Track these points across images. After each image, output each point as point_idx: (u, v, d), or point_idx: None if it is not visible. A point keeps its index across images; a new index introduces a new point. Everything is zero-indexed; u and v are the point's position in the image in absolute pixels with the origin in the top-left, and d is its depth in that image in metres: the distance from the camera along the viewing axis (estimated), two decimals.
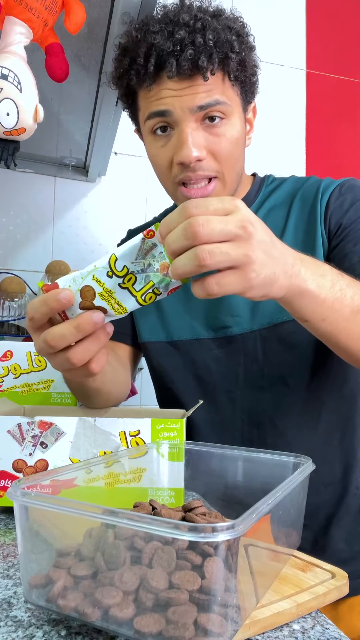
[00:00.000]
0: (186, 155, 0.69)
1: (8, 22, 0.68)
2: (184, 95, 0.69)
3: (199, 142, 0.70)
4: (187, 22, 0.68)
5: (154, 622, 0.34)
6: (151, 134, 0.74)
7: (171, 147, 0.72)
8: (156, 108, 0.71)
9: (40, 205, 1.49)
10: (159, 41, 0.67)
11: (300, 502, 0.54)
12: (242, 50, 0.71)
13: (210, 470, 0.65)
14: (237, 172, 0.77)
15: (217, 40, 0.68)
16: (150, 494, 0.63)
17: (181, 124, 0.70)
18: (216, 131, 0.71)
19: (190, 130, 0.69)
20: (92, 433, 0.65)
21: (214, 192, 0.74)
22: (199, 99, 0.69)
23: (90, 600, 0.36)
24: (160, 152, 0.74)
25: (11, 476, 0.64)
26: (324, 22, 1.80)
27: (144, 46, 0.68)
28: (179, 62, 0.67)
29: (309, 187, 0.83)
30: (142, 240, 0.47)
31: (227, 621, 0.34)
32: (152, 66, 0.68)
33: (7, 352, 0.89)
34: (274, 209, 0.84)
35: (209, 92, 0.69)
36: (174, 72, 0.67)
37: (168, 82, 0.69)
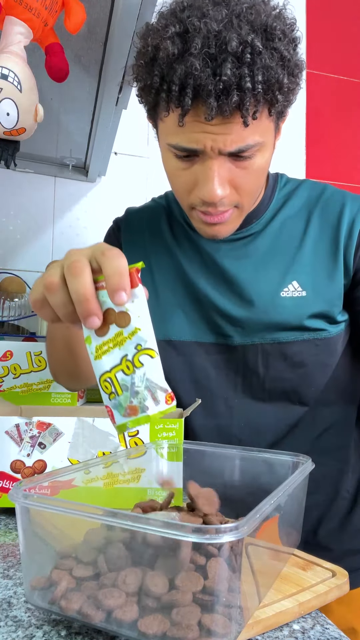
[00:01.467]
0: (210, 196, 0.64)
1: (8, 22, 0.68)
2: (218, 133, 0.61)
3: (224, 178, 0.65)
4: (235, 52, 0.56)
5: (158, 624, 0.34)
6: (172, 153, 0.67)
7: (193, 175, 0.66)
8: (186, 145, 0.63)
9: (40, 205, 1.49)
10: (200, 74, 0.57)
11: (300, 502, 0.54)
12: (292, 85, 0.63)
13: (209, 470, 0.65)
14: (256, 196, 0.73)
15: (267, 80, 0.58)
16: (149, 494, 0.63)
17: (209, 161, 0.64)
18: (244, 164, 0.65)
19: (217, 167, 0.63)
20: (90, 433, 0.65)
21: (231, 219, 0.70)
22: (232, 143, 0.62)
23: (93, 602, 0.36)
24: (180, 174, 0.68)
25: (9, 477, 0.64)
26: (324, 22, 1.80)
27: (181, 71, 0.58)
28: (221, 105, 0.58)
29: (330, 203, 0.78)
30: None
31: (231, 621, 0.34)
32: (189, 100, 0.58)
33: (7, 352, 0.89)
34: (290, 219, 0.79)
35: (246, 132, 0.62)
36: (212, 115, 0.58)
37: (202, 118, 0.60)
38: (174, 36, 0.59)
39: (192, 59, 0.57)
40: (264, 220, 0.79)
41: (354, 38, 1.85)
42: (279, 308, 0.75)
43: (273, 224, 0.79)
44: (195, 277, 0.81)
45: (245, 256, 0.78)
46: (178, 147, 0.65)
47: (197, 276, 0.81)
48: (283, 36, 0.61)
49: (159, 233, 0.86)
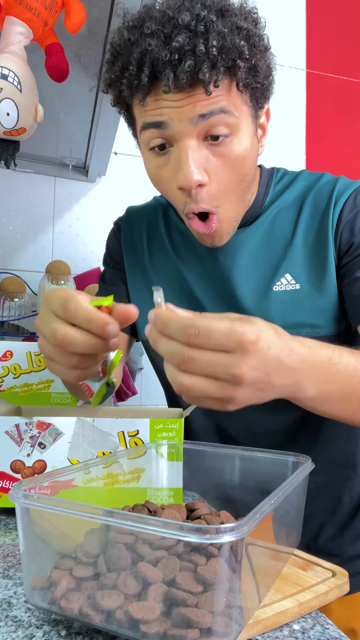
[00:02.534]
0: (186, 180, 0.61)
1: (8, 22, 0.68)
2: (181, 106, 0.60)
3: (200, 163, 0.62)
4: (188, 23, 0.57)
5: (159, 624, 0.34)
6: (148, 150, 0.66)
7: (171, 168, 0.64)
8: (151, 119, 0.62)
9: (40, 205, 1.49)
10: (154, 48, 0.57)
11: (300, 502, 0.54)
12: (253, 54, 0.61)
13: (209, 470, 0.65)
14: (241, 196, 0.69)
15: (222, 46, 0.57)
16: (149, 494, 0.63)
17: (180, 140, 0.62)
18: (220, 150, 0.62)
19: (190, 148, 0.61)
20: (90, 433, 0.65)
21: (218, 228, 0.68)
22: (200, 107, 0.60)
23: (94, 602, 0.36)
24: (160, 173, 0.66)
25: (9, 477, 0.64)
26: (324, 22, 1.80)
27: (137, 52, 0.59)
28: (177, 74, 0.57)
29: (322, 189, 0.75)
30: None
31: (231, 621, 0.34)
32: (145, 77, 0.59)
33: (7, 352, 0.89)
34: (283, 211, 0.77)
35: (213, 100, 0.60)
36: (170, 86, 0.58)
37: (164, 95, 0.60)
38: (131, 27, 0.61)
39: (147, 39, 0.58)
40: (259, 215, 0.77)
41: (354, 38, 1.85)
42: (272, 303, 0.73)
43: (266, 217, 0.77)
44: (190, 275, 0.80)
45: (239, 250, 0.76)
46: (146, 125, 0.63)
47: (192, 274, 0.80)
48: (239, 13, 0.61)
49: (156, 232, 0.86)
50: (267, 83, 0.67)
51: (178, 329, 0.42)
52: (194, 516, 0.50)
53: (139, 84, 0.60)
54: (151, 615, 0.34)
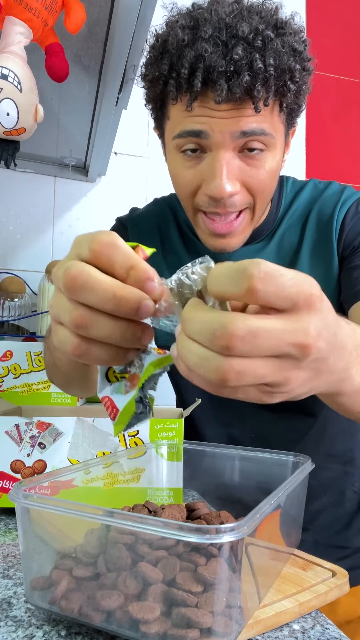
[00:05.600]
0: (218, 191, 0.60)
1: (8, 22, 0.68)
2: (227, 118, 0.59)
3: (233, 174, 0.61)
4: (246, 36, 0.56)
5: (159, 624, 0.34)
6: (178, 151, 0.64)
7: (200, 172, 0.63)
8: (191, 127, 0.60)
9: (40, 205, 1.49)
10: (211, 54, 0.55)
11: (300, 501, 0.54)
12: (302, 77, 0.61)
13: (209, 470, 0.65)
14: (267, 201, 0.69)
15: (277, 65, 0.57)
16: (149, 494, 0.63)
17: (216, 151, 0.60)
18: (254, 162, 0.62)
19: (226, 160, 0.60)
20: (90, 433, 0.65)
21: (241, 227, 0.66)
22: (244, 124, 0.59)
23: (94, 602, 0.36)
24: (186, 173, 0.64)
25: (9, 477, 0.64)
26: (324, 22, 1.80)
27: (191, 55, 0.57)
28: (231, 87, 0.56)
29: (327, 200, 0.76)
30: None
31: (231, 621, 0.34)
32: (198, 83, 0.57)
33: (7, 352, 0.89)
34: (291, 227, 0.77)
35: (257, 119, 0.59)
36: (223, 98, 0.56)
37: (212, 104, 0.58)
38: (185, 27, 0.59)
39: (203, 44, 0.56)
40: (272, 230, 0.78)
41: (354, 38, 1.85)
42: None
43: (278, 231, 0.77)
44: None
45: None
46: (184, 133, 0.61)
47: None
48: (293, 32, 0.61)
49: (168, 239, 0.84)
50: (304, 103, 0.67)
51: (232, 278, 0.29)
52: (194, 516, 0.50)
53: (190, 88, 0.58)
54: (151, 615, 0.34)
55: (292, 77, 0.60)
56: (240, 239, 0.68)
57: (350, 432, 0.84)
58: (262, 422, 0.81)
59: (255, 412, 0.80)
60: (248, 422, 0.81)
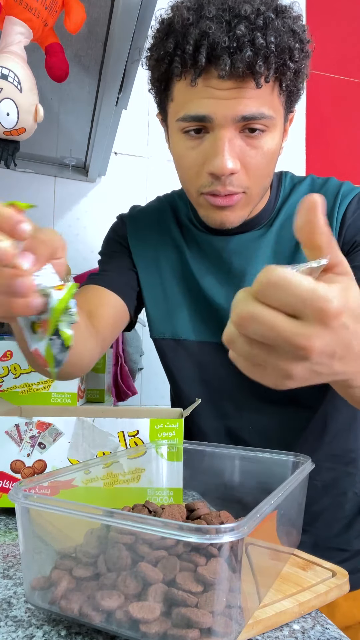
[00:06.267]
0: (220, 167, 0.63)
1: (8, 22, 0.68)
2: (229, 99, 0.61)
3: (234, 152, 0.64)
4: (248, 15, 0.59)
5: (159, 624, 0.34)
6: (181, 132, 0.67)
7: (203, 151, 0.66)
8: (196, 111, 0.63)
9: (40, 205, 1.49)
10: (215, 31, 0.58)
11: (300, 501, 0.54)
12: (300, 59, 0.64)
13: (209, 470, 0.65)
14: (265, 186, 0.72)
15: (278, 43, 0.60)
16: (149, 494, 0.63)
17: (219, 132, 0.63)
18: (254, 143, 0.65)
19: (228, 139, 0.63)
20: (90, 433, 0.65)
21: (238, 205, 0.69)
22: (245, 108, 0.62)
23: (94, 602, 0.36)
24: (189, 154, 0.67)
25: (9, 477, 0.64)
26: (324, 22, 1.80)
27: (196, 33, 0.59)
28: (234, 62, 0.58)
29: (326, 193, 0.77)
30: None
31: (231, 621, 0.34)
32: (203, 58, 0.59)
33: (7, 352, 0.89)
34: (289, 219, 0.78)
35: (257, 101, 0.62)
36: (226, 72, 0.59)
37: (215, 81, 0.61)
38: (189, 8, 0.62)
39: (207, 22, 0.59)
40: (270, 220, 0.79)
41: (354, 38, 1.85)
42: None
43: (277, 223, 0.79)
44: (201, 276, 0.80)
45: (253, 255, 0.78)
46: (188, 117, 0.64)
47: (203, 275, 0.80)
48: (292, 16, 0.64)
49: (167, 232, 0.86)
50: (302, 88, 0.70)
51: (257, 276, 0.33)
52: (194, 516, 0.50)
53: (195, 64, 0.61)
54: (151, 615, 0.34)
55: (291, 56, 0.62)
56: (239, 215, 0.71)
57: (353, 432, 0.83)
58: (258, 414, 0.81)
59: (251, 403, 0.81)
60: (245, 414, 0.81)
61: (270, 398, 0.79)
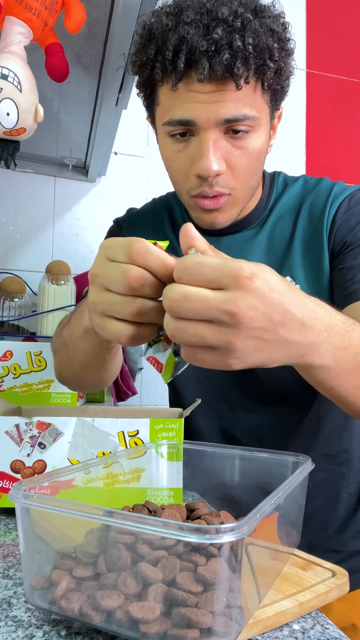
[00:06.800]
0: (205, 169, 0.64)
1: (8, 22, 0.68)
2: (211, 102, 0.62)
3: (219, 153, 0.65)
4: (226, 18, 0.59)
5: (159, 624, 0.34)
6: (168, 135, 0.68)
7: (190, 154, 0.67)
8: (179, 116, 0.64)
9: (40, 205, 1.49)
10: (192, 36, 0.59)
11: (300, 502, 0.54)
12: (281, 57, 0.64)
13: (209, 470, 0.65)
14: (253, 186, 0.72)
15: (256, 44, 0.61)
16: (149, 494, 0.63)
17: (203, 134, 0.64)
18: (239, 143, 0.66)
19: (212, 141, 0.64)
20: (90, 433, 0.65)
21: (225, 207, 0.70)
22: (226, 111, 0.63)
23: (94, 602, 0.36)
24: (177, 157, 0.68)
25: (9, 477, 0.64)
26: (324, 22, 1.80)
27: (174, 38, 0.61)
28: (213, 65, 0.59)
29: (319, 193, 0.78)
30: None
31: (231, 621, 0.34)
32: (182, 63, 0.60)
33: (7, 352, 0.89)
34: (281, 218, 0.79)
35: (238, 103, 0.63)
36: (205, 76, 0.60)
37: (196, 85, 0.62)
38: (169, 14, 0.63)
39: (185, 27, 0.60)
40: (262, 219, 0.80)
41: (354, 38, 1.85)
42: None
43: (269, 222, 0.79)
44: None
45: (246, 254, 0.78)
46: (172, 122, 0.65)
47: None
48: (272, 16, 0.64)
49: (162, 233, 0.86)
50: (286, 86, 0.70)
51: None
52: (194, 516, 0.50)
53: (174, 69, 0.62)
54: (151, 615, 0.34)
55: (271, 55, 0.63)
56: (227, 216, 0.71)
57: (347, 432, 0.83)
58: (252, 414, 0.81)
59: (245, 403, 0.81)
60: (239, 413, 0.82)
61: (263, 398, 0.79)
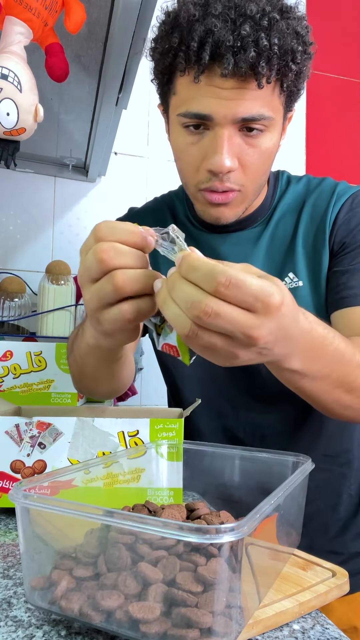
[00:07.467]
0: (218, 165, 0.64)
1: (8, 22, 0.68)
2: (230, 99, 0.62)
3: (233, 150, 0.65)
4: (254, 15, 0.59)
5: (159, 624, 0.34)
6: (181, 126, 0.68)
7: (202, 147, 0.67)
8: (197, 109, 0.64)
9: (40, 205, 1.49)
10: (220, 29, 0.59)
11: (300, 502, 0.54)
12: (302, 60, 0.65)
13: (210, 470, 0.65)
14: (261, 184, 0.73)
15: (281, 45, 0.61)
16: (149, 494, 0.63)
17: (219, 130, 0.64)
18: (252, 141, 0.66)
19: (227, 138, 0.64)
20: (90, 433, 0.65)
21: (234, 202, 0.70)
22: (244, 110, 0.63)
23: (94, 602, 0.36)
24: (189, 149, 0.68)
25: (9, 477, 0.64)
26: (324, 22, 1.80)
27: (201, 29, 0.60)
28: (237, 61, 0.59)
29: (322, 192, 0.79)
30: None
31: (231, 621, 0.34)
32: (207, 56, 0.60)
33: (7, 352, 0.89)
34: (284, 216, 0.80)
35: (257, 102, 0.63)
36: (229, 71, 0.60)
37: (218, 80, 0.62)
38: (196, 4, 0.62)
39: (213, 19, 0.59)
40: (266, 218, 0.80)
41: (354, 38, 1.85)
42: None
43: (273, 219, 0.80)
44: None
45: (250, 253, 0.79)
46: (189, 114, 0.65)
47: None
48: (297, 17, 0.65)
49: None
50: (303, 88, 0.71)
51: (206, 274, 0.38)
52: (194, 516, 0.50)
53: (198, 61, 0.61)
54: (151, 615, 0.34)
55: (293, 58, 0.63)
56: (234, 212, 0.72)
57: (348, 432, 0.83)
58: (254, 413, 0.81)
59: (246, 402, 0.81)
60: (241, 412, 0.82)
61: (265, 397, 0.79)
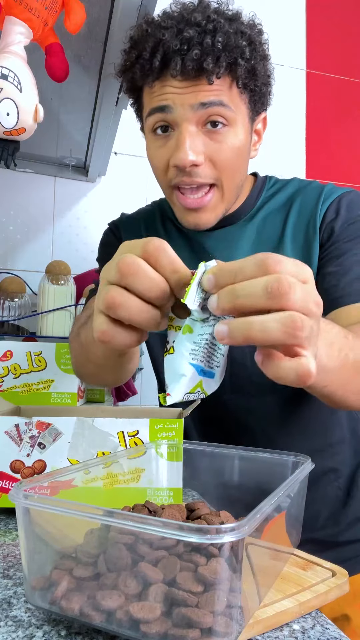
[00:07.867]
0: (181, 159, 0.67)
1: (8, 22, 0.68)
2: (185, 92, 0.67)
3: (196, 146, 0.68)
4: (199, 21, 0.66)
5: (160, 624, 0.34)
6: (151, 132, 0.72)
7: (169, 148, 0.70)
8: (157, 104, 0.69)
9: (40, 205, 1.49)
10: (167, 38, 0.65)
11: (300, 501, 0.54)
12: (253, 57, 0.68)
13: (209, 470, 0.65)
14: (237, 183, 0.74)
15: (226, 43, 0.65)
16: (149, 494, 0.63)
17: (181, 125, 0.68)
18: (217, 137, 0.69)
19: (189, 133, 0.67)
20: (90, 433, 0.65)
21: (212, 203, 0.71)
22: (202, 97, 0.67)
23: (94, 602, 0.36)
24: (158, 152, 0.72)
25: (9, 477, 0.64)
26: (324, 22, 1.80)
27: (152, 41, 0.67)
28: (184, 61, 0.65)
29: (310, 192, 0.80)
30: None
31: (231, 621, 0.34)
32: (157, 62, 0.66)
33: (7, 352, 0.89)
34: (272, 213, 0.81)
35: (214, 92, 0.67)
36: (177, 71, 0.65)
37: (172, 80, 0.67)
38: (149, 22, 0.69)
39: (162, 30, 0.66)
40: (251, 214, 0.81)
41: (354, 38, 1.85)
42: None
43: (258, 217, 0.81)
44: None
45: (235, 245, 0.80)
46: (152, 111, 0.69)
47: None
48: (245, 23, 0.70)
49: (154, 231, 0.88)
50: (265, 90, 0.74)
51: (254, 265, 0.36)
52: (194, 516, 0.50)
53: (151, 69, 0.67)
54: (151, 615, 0.34)
55: (242, 54, 0.67)
56: (212, 216, 0.73)
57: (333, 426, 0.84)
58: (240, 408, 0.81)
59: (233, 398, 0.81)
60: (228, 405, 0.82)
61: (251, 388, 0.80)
